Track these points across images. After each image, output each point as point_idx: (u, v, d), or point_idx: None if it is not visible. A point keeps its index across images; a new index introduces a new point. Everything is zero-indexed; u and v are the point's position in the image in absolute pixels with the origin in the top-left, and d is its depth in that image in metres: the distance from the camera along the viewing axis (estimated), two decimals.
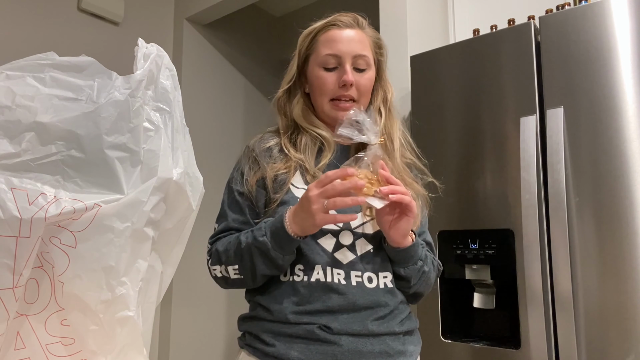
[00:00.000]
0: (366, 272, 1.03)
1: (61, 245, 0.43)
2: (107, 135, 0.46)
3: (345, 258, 1.02)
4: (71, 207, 0.43)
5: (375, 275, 1.03)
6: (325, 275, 1.00)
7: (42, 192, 0.43)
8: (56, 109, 0.45)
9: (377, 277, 1.04)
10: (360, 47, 1.09)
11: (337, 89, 1.08)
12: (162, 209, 0.48)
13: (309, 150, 1.09)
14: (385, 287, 1.04)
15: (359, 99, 1.09)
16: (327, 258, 1.01)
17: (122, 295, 0.44)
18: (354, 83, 1.07)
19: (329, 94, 1.09)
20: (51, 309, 0.46)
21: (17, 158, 0.44)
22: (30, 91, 0.45)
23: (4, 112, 0.44)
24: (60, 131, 0.45)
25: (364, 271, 1.02)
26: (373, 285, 1.03)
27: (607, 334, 1.29)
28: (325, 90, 1.09)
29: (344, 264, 1.02)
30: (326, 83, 1.08)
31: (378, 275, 1.04)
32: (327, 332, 0.97)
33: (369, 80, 1.10)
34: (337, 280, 1.00)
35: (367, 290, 1.02)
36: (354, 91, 1.08)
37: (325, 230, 1.02)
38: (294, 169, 1.08)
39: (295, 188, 1.06)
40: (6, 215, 0.41)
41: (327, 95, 1.09)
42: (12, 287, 0.42)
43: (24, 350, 0.45)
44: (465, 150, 1.60)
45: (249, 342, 1.05)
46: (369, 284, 1.02)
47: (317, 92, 1.10)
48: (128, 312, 0.45)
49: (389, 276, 1.05)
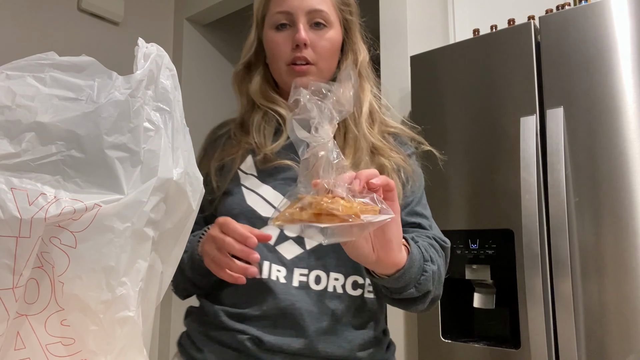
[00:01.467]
0: (314, 271, 0.85)
1: (61, 245, 0.43)
2: (107, 136, 0.46)
3: (289, 252, 0.86)
4: (71, 207, 0.43)
5: (325, 275, 0.86)
6: (261, 272, 0.84)
7: (42, 192, 0.43)
8: (56, 109, 0.45)
9: (328, 278, 0.86)
10: (317, 1, 0.93)
11: (290, 51, 0.92)
12: (162, 209, 0.49)
13: (263, 131, 0.94)
14: (335, 291, 0.86)
15: (317, 62, 0.93)
16: (266, 252, 0.85)
17: (122, 296, 0.44)
18: (308, 42, 0.91)
19: (283, 58, 0.93)
20: (51, 309, 0.46)
21: (17, 158, 0.44)
22: (30, 91, 0.45)
23: (4, 112, 0.44)
24: (60, 131, 0.45)
25: (311, 269, 0.85)
26: (320, 288, 0.85)
27: (607, 334, 1.29)
28: (279, 53, 0.93)
29: (287, 260, 0.85)
30: (278, 45, 0.93)
31: (329, 276, 0.86)
32: (258, 347, 0.82)
33: (329, 40, 0.93)
34: (275, 278, 0.84)
35: (311, 294, 0.84)
36: (310, 52, 0.92)
37: (266, 218, 0.86)
38: (242, 155, 0.94)
39: (244, 174, 0.93)
40: (6, 216, 0.41)
41: (281, 60, 0.93)
42: (12, 287, 0.42)
43: (24, 351, 0.45)
44: (465, 151, 1.60)
45: (182, 342, 0.93)
46: (315, 286, 0.85)
47: (272, 58, 0.95)
48: (128, 313, 0.45)
49: (341, 279, 0.86)
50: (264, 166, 0.91)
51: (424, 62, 1.75)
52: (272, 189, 0.90)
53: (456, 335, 1.57)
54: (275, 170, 0.91)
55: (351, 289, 0.87)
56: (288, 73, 0.93)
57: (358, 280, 0.88)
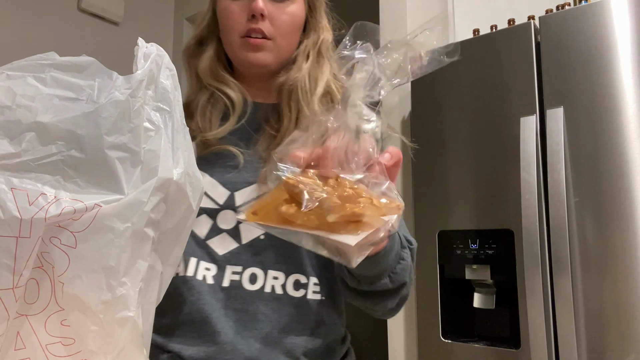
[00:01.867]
0: (250, 268, 0.75)
1: (61, 245, 0.43)
2: (107, 136, 0.45)
3: (222, 247, 0.75)
4: (71, 207, 0.43)
5: (262, 273, 0.75)
6: (186, 271, 0.74)
7: (43, 192, 0.43)
8: (56, 109, 0.45)
9: (265, 276, 0.75)
10: None
11: (245, 21, 0.80)
12: (162, 209, 0.49)
13: (209, 115, 0.83)
14: (273, 292, 0.75)
15: (274, 37, 0.81)
16: (195, 246, 0.75)
17: (122, 296, 0.44)
18: (265, 13, 0.79)
19: (236, 29, 0.81)
20: (51, 309, 0.46)
21: (17, 158, 0.44)
22: (30, 91, 0.45)
23: (4, 112, 0.44)
24: (60, 131, 0.45)
25: (246, 266, 0.75)
26: (255, 288, 0.74)
27: (607, 334, 1.29)
28: (232, 24, 0.81)
29: (218, 256, 0.75)
30: (232, 14, 0.81)
31: (267, 274, 0.75)
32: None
33: (290, 15, 0.83)
34: (201, 278, 0.73)
35: (244, 295, 0.74)
36: (268, 26, 0.80)
37: (200, 208, 0.72)
38: None
39: None
40: (6, 216, 0.41)
41: (235, 31, 0.81)
42: (12, 287, 0.42)
43: (24, 351, 0.45)
44: (465, 150, 1.60)
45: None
46: (249, 286, 0.74)
47: (225, 29, 0.84)
48: (128, 313, 0.45)
49: (281, 278, 0.76)
50: (203, 152, 0.79)
51: None
52: (209, 176, 0.78)
53: (456, 335, 1.57)
54: (214, 157, 0.80)
55: (292, 289, 0.76)
56: (241, 46, 0.81)
57: (300, 280, 0.77)
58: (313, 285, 0.77)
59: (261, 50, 0.81)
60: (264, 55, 0.81)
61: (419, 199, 1.69)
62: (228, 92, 0.83)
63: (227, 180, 0.78)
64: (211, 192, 0.77)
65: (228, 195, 0.77)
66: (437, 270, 1.60)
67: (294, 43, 0.86)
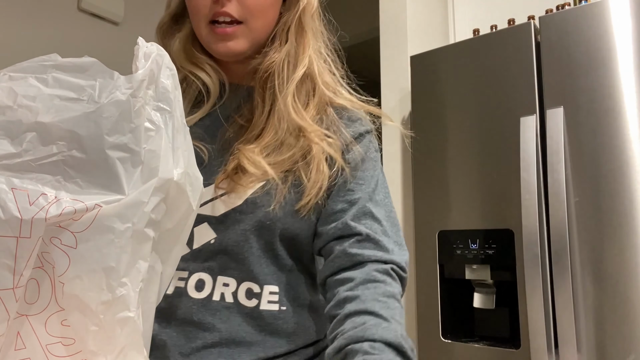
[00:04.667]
0: (197, 273, 0.68)
1: (62, 245, 0.43)
2: (108, 136, 0.45)
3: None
4: (72, 207, 0.43)
5: (211, 279, 0.68)
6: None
7: (43, 192, 0.43)
8: (58, 109, 0.45)
9: (214, 283, 0.68)
10: None
11: (210, 3, 0.70)
12: (163, 209, 0.49)
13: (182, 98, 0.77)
14: (223, 300, 0.68)
15: (245, 18, 0.71)
16: None
17: (122, 296, 0.44)
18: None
19: (202, 14, 0.72)
20: (51, 309, 0.46)
21: (18, 158, 0.44)
22: (32, 91, 0.45)
23: (6, 112, 0.44)
24: (61, 131, 0.45)
25: (193, 271, 0.68)
26: (202, 296, 0.68)
27: (607, 334, 1.29)
28: (196, 8, 0.72)
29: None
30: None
31: (216, 280, 0.68)
32: None
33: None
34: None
35: (188, 303, 0.67)
36: (235, 7, 0.70)
37: None
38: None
39: None
40: (7, 216, 0.41)
41: (200, 16, 0.72)
42: (13, 287, 0.42)
43: (24, 351, 0.45)
44: (465, 150, 1.60)
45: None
46: (195, 293, 0.68)
47: (191, 14, 0.74)
48: (128, 313, 0.45)
49: (232, 285, 0.69)
50: None
51: (424, 62, 1.75)
52: None
53: (456, 335, 1.57)
54: None
55: (245, 298, 0.69)
56: (208, 35, 0.72)
57: (253, 289, 0.69)
58: (268, 294, 0.70)
59: (231, 39, 0.71)
60: (235, 43, 0.72)
61: (419, 199, 1.69)
62: (202, 76, 0.75)
63: None
64: None
65: None
66: (437, 270, 1.60)
67: (272, 19, 0.75)
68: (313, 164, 0.70)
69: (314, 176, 0.70)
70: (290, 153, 0.71)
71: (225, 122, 0.75)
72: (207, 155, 0.72)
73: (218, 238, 0.68)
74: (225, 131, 0.74)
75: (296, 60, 0.74)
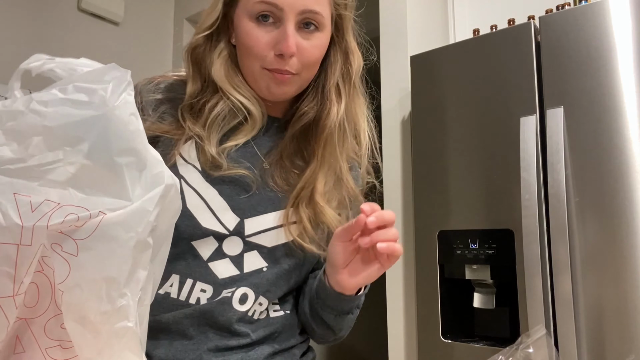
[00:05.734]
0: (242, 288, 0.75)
1: (62, 252, 0.43)
2: (115, 140, 0.45)
3: (224, 272, 0.74)
4: (75, 215, 0.43)
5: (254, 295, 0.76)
6: (179, 294, 0.73)
7: (47, 198, 0.43)
8: (66, 113, 0.44)
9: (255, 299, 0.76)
10: (313, 0, 0.73)
11: (272, 56, 0.73)
12: (162, 215, 0.48)
13: (220, 122, 0.76)
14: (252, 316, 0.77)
15: (300, 71, 0.76)
16: (195, 267, 0.73)
17: (122, 307, 0.43)
18: (295, 54, 0.73)
19: (259, 60, 0.74)
20: (50, 313, 0.46)
21: (22, 163, 0.43)
22: (46, 97, 0.44)
23: (17, 117, 0.44)
24: (67, 136, 0.44)
25: (239, 286, 0.75)
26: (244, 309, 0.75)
27: (607, 334, 1.30)
28: (256, 53, 0.74)
29: (218, 279, 0.74)
30: (257, 44, 0.73)
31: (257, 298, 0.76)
32: None
33: (318, 48, 0.76)
34: (194, 301, 0.73)
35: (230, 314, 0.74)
36: (295, 62, 0.74)
37: (208, 230, 0.73)
38: (187, 137, 0.75)
39: (184, 161, 0.75)
40: (8, 222, 0.41)
41: (257, 60, 0.74)
42: (13, 295, 0.42)
43: (24, 354, 0.45)
44: (465, 150, 1.60)
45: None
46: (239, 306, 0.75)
47: (245, 53, 0.75)
48: (128, 323, 0.44)
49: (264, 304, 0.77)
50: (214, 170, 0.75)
51: (424, 62, 1.75)
52: (219, 194, 0.75)
53: (456, 335, 1.58)
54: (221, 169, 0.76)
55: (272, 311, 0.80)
56: (262, 76, 0.75)
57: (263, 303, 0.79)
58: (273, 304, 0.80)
59: (287, 85, 0.76)
60: (288, 88, 0.77)
61: (419, 199, 1.69)
62: (248, 105, 0.77)
63: (237, 206, 0.75)
64: (221, 216, 0.74)
65: (237, 222, 0.75)
66: (437, 270, 1.60)
67: (317, 70, 0.80)
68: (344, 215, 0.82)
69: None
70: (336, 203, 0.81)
71: (260, 153, 0.80)
72: (255, 187, 0.77)
73: (270, 267, 0.78)
74: (262, 164, 0.80)
75: (355, 121, 0.81)
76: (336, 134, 0.78)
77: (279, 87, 0.76)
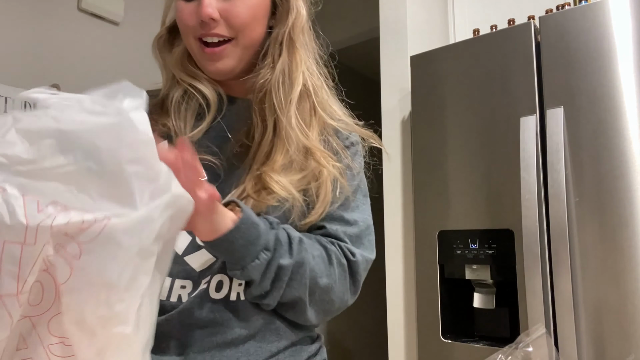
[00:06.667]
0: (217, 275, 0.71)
1: (65, 254, 0.43)
2: (126, 149, 0.45)
3: (200, 264, 0.71)
4: (80, 217, 0.43)
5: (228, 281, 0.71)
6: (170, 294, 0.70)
7: (54, 200, 0.43)
8: (81, 119, 0.45)
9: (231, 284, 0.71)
10: None
11: (196, 24, 0.72)
12: (169, 223, 0.48)
13: (184, 112, 0.77)
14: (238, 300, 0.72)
15: (234, 35, 0.73)
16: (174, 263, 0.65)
17: (120, 312, 0.43)
18: (216, 16, 0.71)
19: (190, 31, 0.74)
20: (54, 310, 0.46)
21: (33, 164, 0.44)
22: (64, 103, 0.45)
23: (31, 119, 0.44)
24: (81, 140, 0.44)
25: (213, 274, 0.72)
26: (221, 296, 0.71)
27: (607, 334, 1.30)
28: (184, 25, 0.74)
29: (195, 272, 0.71)
30: (183, 16, 0.73)
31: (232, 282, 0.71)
32: None
33: (246, 6, 0.73)
34: (175, 299, 0.70)
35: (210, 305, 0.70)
36: (223, 27, 0.72)
37: None
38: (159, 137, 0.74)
39: None
40: (13, 221, 0.41)
41: (189, 33, 0.74)
42: (16, 294, 0.42)
43: (26, 350, 0.46)
44: (465, 150, 1.60)
45: None
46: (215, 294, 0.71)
47: (182, 33, 0.76)
48: (125, 329, 0.44)
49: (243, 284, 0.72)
50: None
51: (424, 62, 1.75)
52: None
53: (456, 335, 1.58)
54: None
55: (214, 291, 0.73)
56: (199, 53, 0.75)
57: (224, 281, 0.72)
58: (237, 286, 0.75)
59: (221, 58, 0.74)
60: (225, 62, 0.75)
61: (419, 199, 1.69)
62: (202, 89, 0.77)
63: None
64: None
65: None
66: (437, 270, 1.60)
67: (260, 32, 0.76)
68: (323, 186, 0.75)
69: (322, 197, 0.75)
70: (303, 174, 0.75)
71: (229, 132, 0.77)
72: (222, 171, 0.75)
73: None
74: (232, 147, 0.77)
75: (291, 78, 0.76)
76: (274, 96, 0.74)
77: (214, 64, 0.75)
